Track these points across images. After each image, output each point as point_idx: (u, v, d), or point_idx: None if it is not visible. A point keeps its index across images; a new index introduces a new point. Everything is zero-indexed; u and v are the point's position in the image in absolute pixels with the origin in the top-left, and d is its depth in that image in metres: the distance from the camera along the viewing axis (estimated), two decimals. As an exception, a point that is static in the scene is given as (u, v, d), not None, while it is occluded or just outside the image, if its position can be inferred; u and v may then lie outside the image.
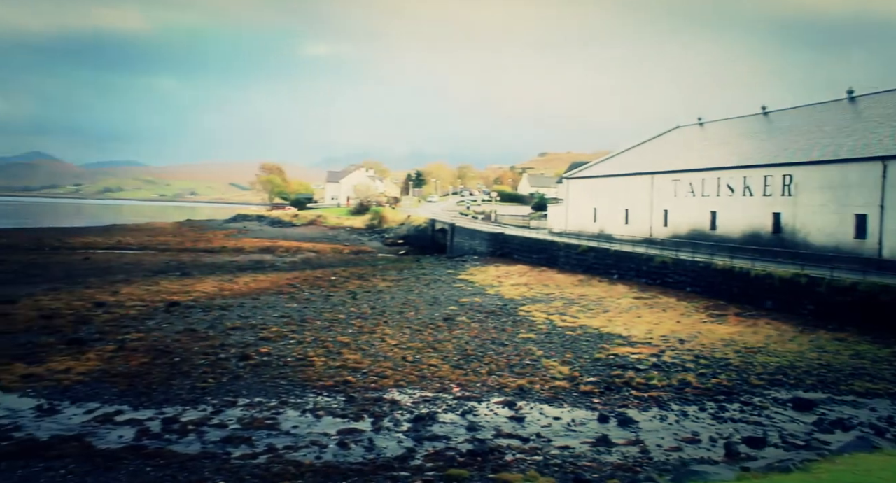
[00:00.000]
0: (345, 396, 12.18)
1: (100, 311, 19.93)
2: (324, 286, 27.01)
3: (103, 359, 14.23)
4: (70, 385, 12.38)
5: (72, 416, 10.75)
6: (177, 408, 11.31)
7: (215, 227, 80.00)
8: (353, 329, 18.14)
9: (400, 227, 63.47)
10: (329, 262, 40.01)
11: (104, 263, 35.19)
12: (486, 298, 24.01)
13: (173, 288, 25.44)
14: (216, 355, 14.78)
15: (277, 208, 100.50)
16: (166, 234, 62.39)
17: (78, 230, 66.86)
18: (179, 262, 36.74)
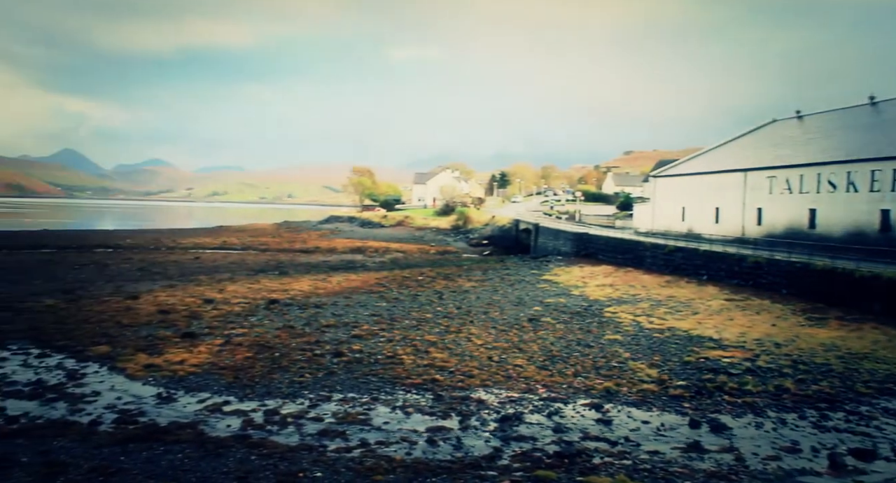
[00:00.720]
0: (433, 394, 12.27)
1: (209, 307, 20.88)
2: (411, 286, 27.35)
3: (212, 352, 14.90)
4: (184, 376, 13.03)
5: (186, 405, 11.32)
6: (277, 400, 11.72)
7: (310, 228, 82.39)
8: (440, 328, 18.26)
9: (484, 227, 63.45)
10: (416, 262, 40.48)
11: (212, 262, 36.88)
12: (570, 299, 23.68)
13: (273, 286, 26.38)
14: (312, 351, 15.21)
15: (367, 210, 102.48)
16: (266, 235, 64.77)
17: (189, 231, 70.37)
18: (278, 262, 38.06)
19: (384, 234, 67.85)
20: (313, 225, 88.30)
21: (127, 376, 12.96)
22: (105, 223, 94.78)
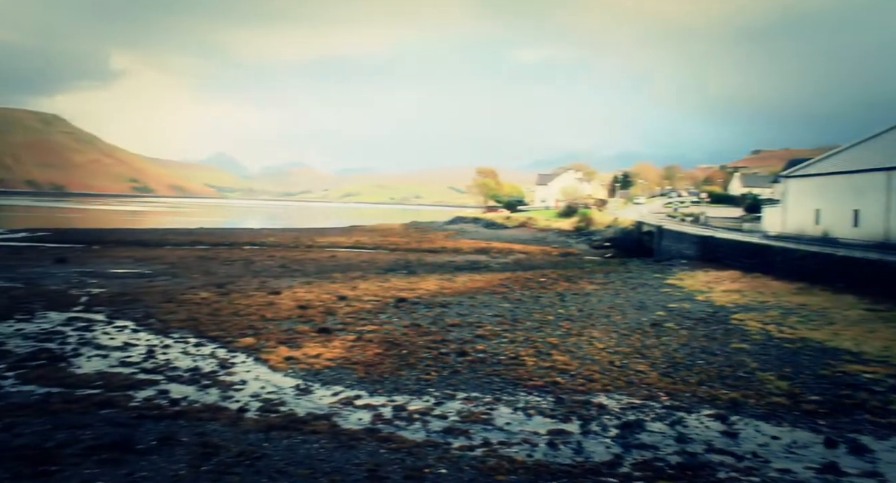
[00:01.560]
0: (554, 397, 12.12)
1: (342, 303, 21.76)
2: (533, 287, 27.15)
3: (345, 347, 15.51)
4: (320, 369, 13.66)
5: (322, 397, 11.86)
6: (405, 396, 12.02)
7: (436, 228, 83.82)
8: (562, 331, 18.00)
9: (606, 229, 61.88)
10: (538, 263, 40.14)
11: (345, 261, 38.44)
12: (694, 304, 22.59)
13: (401, 285, 27.09)
14: (438, 350, 15.46)
15: (491, 211, 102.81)
16: (395, 235, 66.66)
17: (325, 230, 73.77)
18: (406, 261, 39.04)
19: (507, 235, 67.85)
20: (440, 225, 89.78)
21: (270, 367, 13.77)
22: (251, 222, 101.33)
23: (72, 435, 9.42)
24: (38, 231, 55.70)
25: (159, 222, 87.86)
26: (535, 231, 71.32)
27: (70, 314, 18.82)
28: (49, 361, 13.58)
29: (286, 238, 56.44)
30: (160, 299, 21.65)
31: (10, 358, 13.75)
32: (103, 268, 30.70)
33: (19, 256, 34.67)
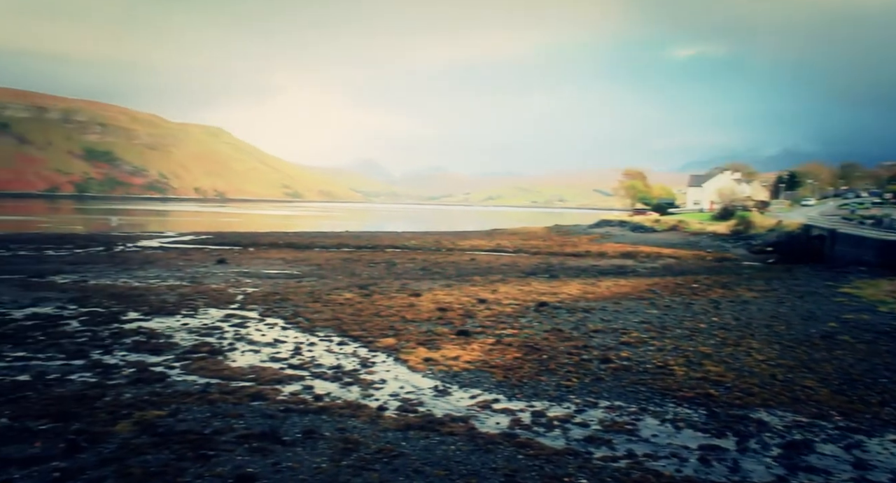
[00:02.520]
0: (706, 410, 11.42)
1: (482, 306, 21.90)
2: (684, 293, 25.83)
3: (484, 350, 15.58)
4: (458, 371, 13.81)
5: (459, 400, 11.98)
6: (544, 402, 11.84)
7: (580, 231, 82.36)
8: (716, 340, 16.95)
9: (769, 233, 57.63)
10: (690, 268, 38.18)
11: (486, 264, 38.73)
12: (876, 317, 20.41)
13: (542, 289, 26.82)
14: (580, 356, 15.11)
15: (639, 214, 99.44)
16: (537, 239, 66.26)
17: (466, 234, 74.84)
18: (548, 265, 38.64)
19: (656, 238, 65.27)
20: (583, 229, 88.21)
21: (409, 368, 14.12)
22: (394, 225, 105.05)
23: (227, 423, 10.19)
24: (203, 234, 61.19)
25: (308, 226, 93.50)
26: (687, 235, 67.97)
27: (227, 311, 20.43)
28: (209, 354, 14.80)
29: (427, 241, 57.90)
30: (307, 299, 22.95)
31: (177, 350, 15.14)
32: (257, 268, 33.11)
33: (186, 257, 38.25)
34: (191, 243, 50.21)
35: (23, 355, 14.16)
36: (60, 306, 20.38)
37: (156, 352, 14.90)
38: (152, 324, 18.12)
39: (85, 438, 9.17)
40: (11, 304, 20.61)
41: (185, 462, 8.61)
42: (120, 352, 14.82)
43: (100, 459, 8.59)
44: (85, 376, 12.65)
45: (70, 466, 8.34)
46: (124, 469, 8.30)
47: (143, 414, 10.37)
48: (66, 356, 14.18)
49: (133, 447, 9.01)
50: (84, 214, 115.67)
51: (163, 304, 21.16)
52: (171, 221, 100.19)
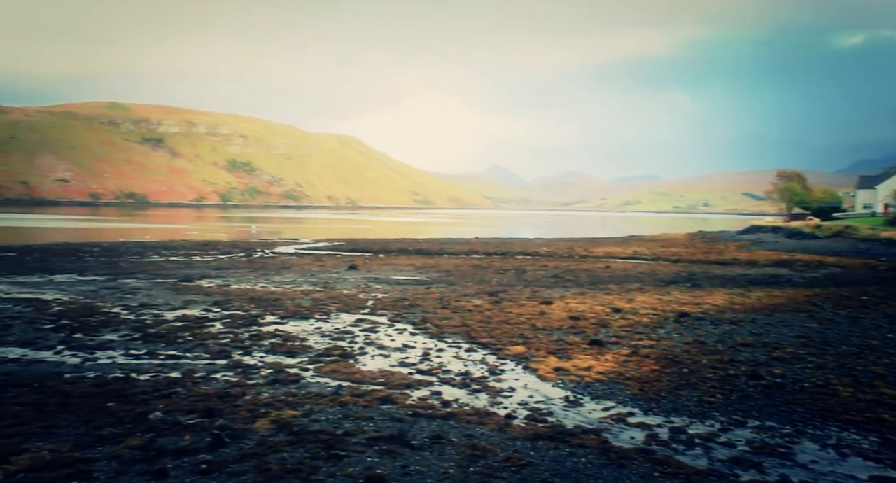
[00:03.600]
0: (878, 437, 10.49)
1: (617, 316, 21.41)
2: (851, 306, 23.85)
3: (618, 362, 15.23)
4: (590, 382, 13.59)
5: (591, 411, 11.79)
6: (684, 418, 11.40)
7: (727, 238, 78.32)
8: (891, 359, 15.53)
9: (957, 238, 51.91)
10: (858, 278, 35.18)
11: (622, 272, 37.77)
12: None
13: (683, 298, 25.78)
14: (725, 371, 14.39)
15: (796, 219, 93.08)
16: (678, 246, 63.69)
17: (600, 240, 73.36)
18: (690, 274, 37.06)
19: (817, 245, 60.75)
20: (730, 235, 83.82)
21: (538, 377, 14.08)
22: (525, 232, 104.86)
23: (357, 425, 10.65)
24: (335, 241, 64.16)
25: (438, 232, 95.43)
26: (856, 241, 62.65)
27: (358, 316, 21.32)
28: (340, 358, 15.52)
29: (559, 248, 57.33)
30: (436, 305, 23.47)
31: (311, 353, 16.01)
32: (387, 274, 34.26)
33: (320, 263, 40.29)
34: (324, 250, 52.81)
35: (174, 354, 15.54)
36: (206, 309, 22.14)
37: (291, 354, 15.84)
38: (288, 327, 19.27)
39: (228, 434, 9.91)
40: (164, 305, 22.66)
41: (318, 461, 9.10)
42: (258, 353, 15.88)
43: (241, 454, 9.26)
44: (227, 375, 13.67)
45: (215, 459, 9.05)
46: (263, 464, 8.90)
47: (279, 413, 11.06)
48: (211, 356, 15.39)
49: (271, 444, 9.64)
50: (227, 222, 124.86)
51: (298, 309, 22.42)
52: (305, 228, 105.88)
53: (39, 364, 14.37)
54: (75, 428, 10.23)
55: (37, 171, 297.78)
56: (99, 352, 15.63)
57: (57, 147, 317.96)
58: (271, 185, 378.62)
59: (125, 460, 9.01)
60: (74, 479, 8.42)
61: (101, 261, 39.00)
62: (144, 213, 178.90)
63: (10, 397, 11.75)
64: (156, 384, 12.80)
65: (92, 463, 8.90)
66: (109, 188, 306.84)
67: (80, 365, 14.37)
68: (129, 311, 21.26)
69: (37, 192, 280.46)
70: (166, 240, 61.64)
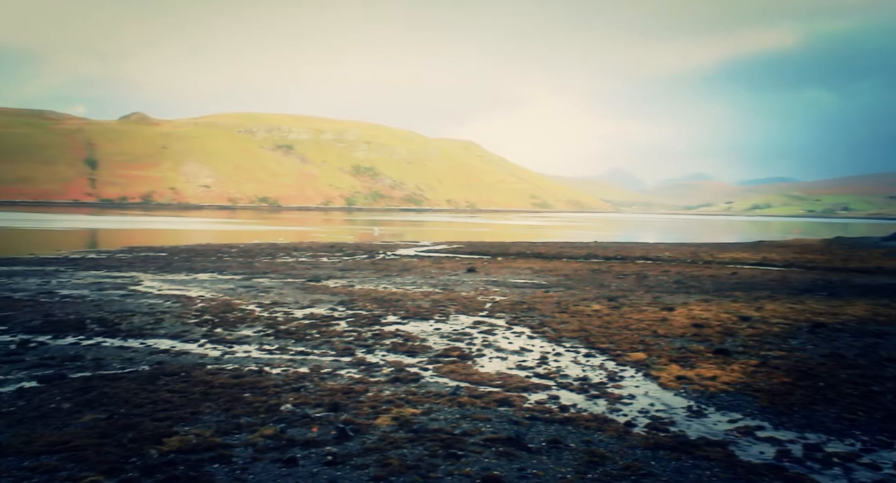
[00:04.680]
0: None
1: (744, 324, 20.34)
2: None
3: (746, 372, 14.46)
4: (715, 392, 13.00)
5: (716, 423, 11.28)
6: (819, 435, 10.66)
7: (870, 245, 72.39)
8: None
9: None
10: None
11: (749, 279, 35.83)
12: None
13: (819, 308, 24.10)
14: (867, 386, 13.32)
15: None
16: (812, 252, 59.56)
17: (726, 245, 69.90)
18: (827, 282, 34.57)
19: (974, 252, 54.96)
20: (874, 242, 77.42)
21: (659, 385, 13.62)
22: (645, 236, 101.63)
23: (474, 425, 10.75)
24: (454, 244, 64.92)
25: (556, 236, 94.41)
26: None
27: (476, 318, 21.47)
28: (459, 359, 15.70)
29: (682, 253, 55.16)
30: (554, 309, 23.24)
31: (430, 353, 16.30)
32: (505, 277, 34.29)
33: (439, 266, 40.93)
34: (443, 252, 53.60)
35: (302, 350, 16.31)
36: (332, 308, 23.06)
37: (411, 353, 16.20)
38: (408, 327, 19.72)
39: (352, 428, 10.29)
40: (294, 304, 23.82)
41: (436, 459, 9.26)
42: (380, 352, 16.35)
43: (364, 448, 9.58)
44: (351, 372, 14.18)
45: (340, 452, 9.43)
46: (384, 459, 9.17)
47: (400, 411, 11.35)
48: (336, 353, 16.02)
49: (391, 440, 9.91)
50: (351, 225, 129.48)
51: (418, 309, 22.90)
52: (425, 231, 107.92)
53: (185, 355, 15.51)
54: (216, 415, 10.97)
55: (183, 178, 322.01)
56: (236, 346, 16.67)
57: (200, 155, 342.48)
58: (393, 189, 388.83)
59: (259, 448, 9.56)
60: (216, 461, 9.04)
61: (238, 261, 41.54)
62: (276, 216, 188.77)
63: (161, 385, 12.78)
64: (286, 378, 13.48)
65: (231, 448, 9.52)
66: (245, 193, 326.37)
67: (220, 357, 15.38)
68: (263, 309, 22.51)
69: (183, 197, 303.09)
70: (296, 242, 64.72)
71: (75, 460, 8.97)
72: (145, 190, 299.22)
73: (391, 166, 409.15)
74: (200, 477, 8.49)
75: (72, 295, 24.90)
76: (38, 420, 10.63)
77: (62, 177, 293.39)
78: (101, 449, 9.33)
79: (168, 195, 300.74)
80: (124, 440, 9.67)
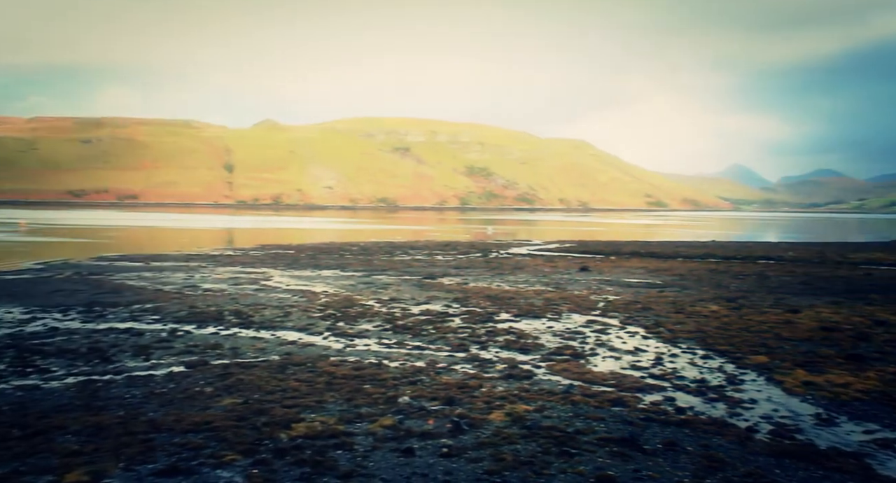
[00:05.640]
0: None
1: (880, 329, 18.78)
2: None
3: (883, 380, 13.34)
4: (847, 400, 12.09)
5: (849, 432, 10.48)
6: (969, 451, 9.65)
7: None
8: None
9: None
10: None
11: (887, 280, 33.00)
12: None
13: (968, 313, 21.81)
14: None
15: None
16: (961, 251, 53.98)
17: (859, 245, 64.78)
18: (977, 284, 31.23)
19: None
20: None
21: (783, 390, 12.82)
22: (767, 235, 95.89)
23: (588, 424, 10.55)
24: (566, 243, 64.02)
25: (671, 235, 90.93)
26: None
27: (589, 317, 21.07)
28: (571, 357, 15.47)
29: (809, 253, 51.64)
30: (669, 309, 22.40)
31: (542, 351, 16.17)
32: (618, 277, 33.42)
33: (551, 264, 40.49)
34: (555, 251, 52.97)
35: (418, 345, 16.62)
36: (447, 305, 23.35)
37: (524, 351, 16.12)
38: (521, 325, 19.63)
39: (466, 422, 10.37)
40: (410, 300, 24.32)
41: (549, 456, 9.17)
42: (493, 348, 16.38)
43: (478, 442, 9.64)
44: (466, 368, 14.29)
45: (455, 445, 9.53)
46: (498, 453, 9.17)
47: (513, 407, 11.32)
48: (451, 349, 16.20)
49: (505, 436, 9.91)
50: (465, 224, 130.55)
51: (530, 307, 22.76)
52: (537, 230, 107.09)
53: (311, 347, 16.21)
54: (339, 404, 11.39)
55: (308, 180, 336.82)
56: (357, 339, 17.23)
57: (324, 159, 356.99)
58: (506, 189, 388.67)
59: (379, 437, 9.84)
60: (339, 448, 9.38)
61: (359, 258, 42.93)
62: (393, 215, 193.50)
63: (290, 374, 13.42)
64: (403, 371, 13.78)
65: (353, 436, 9.85)
66: (365, 193, 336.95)
67: (342, 350, 15.96)
68: (381, 305, 23.13)
69: (308, 198, 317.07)
70: (412, 240, 66.05)
71: (217, 440, 9.59)
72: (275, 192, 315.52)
73: (504, 166, 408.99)
74: (326, 461, 8.84)
75: (212, 289, 26.64)
76: (185, 401, 11.46)
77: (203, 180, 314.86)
78: (238, 430, 9.92)
79: (295, 196, 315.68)
80: (258, 424, 10.24)
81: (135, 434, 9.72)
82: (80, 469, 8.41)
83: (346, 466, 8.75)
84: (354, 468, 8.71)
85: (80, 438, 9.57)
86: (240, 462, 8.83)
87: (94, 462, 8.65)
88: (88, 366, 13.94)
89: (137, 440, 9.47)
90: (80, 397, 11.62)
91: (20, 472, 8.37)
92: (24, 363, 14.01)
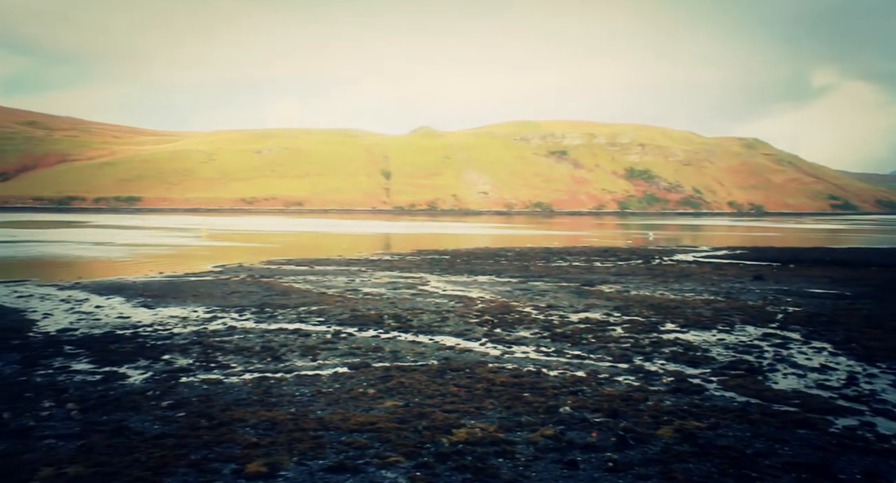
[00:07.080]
0: None
1: None
2: None
3: None
4: None
5: None
6: None
7: None
8: None
9: None
10: None
11: None
12: None
13: None
14: None
15: None
16: None
17: None
18: None
19: None
20: None
21: None
22: None
23: (769, 447, 9.81)
24: (737, 249, 60.15)
25: (860, 241, 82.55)
26: None
27: (766, 330, 19.65)
28: (747, 372, 14.50)
29: None
30: (862, 324, 20.37)
31: (713, 364, 15.30)
32: (798, 286, 30.88)
33: (720, 272, 38.23)
34: (724, 258, 49.95)
35: (578, 354, 16.33)
36: (607, 313, 22.77)
37: (693, 364, 15.33)
38: (689, 336, 18.70)
39: (632, 436, 10.03)
40: (569, 308, 23.98)
41: (726, 478, 8.64)
42: (659, 360, 15.73)
43: (645, 458, 9.28)
44: (629, 379, 13.84)
45: (620, 459, 9.25)
46: (668, 472, 8.78)
47: (682, 423, 10.79)
48: (613, 359, 15.76)
49: (675, 453, 9.46)
50: (624, 230, 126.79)
51: (698, 318, 21.62)
52: (703, 236, 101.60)
53: (468, 353, 16.46)
54: (498, 411, 11.46)
55: (463, 185, 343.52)
56: (515, 346, 17.25)
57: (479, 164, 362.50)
58: (669, 193, 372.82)
59: (540, 446, 9.76)
60: (500, 456, 9.43)
61: (514, 264, 43.02)
62: (549, 220, 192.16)
63: (448, 379, 13.71)
64: (563, 381, 13.59)
65: (513, 444, 9.86)
66: (520, 198, 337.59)
67: (500, 356, 16.04)
68: (539, 311, 23.01)
69: (463, 203, 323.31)
70: (569, 246, 65.19)
71: (380, 441, 9.99)
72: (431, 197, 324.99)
73: (666, 168, 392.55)
74: (487, 469, 8.92)
75: (371, 293, 27.89)
76: (349, 401, 12.07)
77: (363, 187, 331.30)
78: (400, 432, 10.28)
79: (450, 202, 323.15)
80: (419, 427, 10.54)
81: (305, 430, 10.38)
82: (259, 460, 9.11)
83: (508, 475, 8.77)
84: (516, 477, 8.71)
85: (258, 431, 10.37)
86: (403, 464, 9.13)
87: (270, 454, 9.34)
88: (262, 363, 15.10)
89: (308, 436, 10.10)
90: (256, 393, 12.60)
91: (209, 459, 9.22)
92: (207, 359, 15.46)
